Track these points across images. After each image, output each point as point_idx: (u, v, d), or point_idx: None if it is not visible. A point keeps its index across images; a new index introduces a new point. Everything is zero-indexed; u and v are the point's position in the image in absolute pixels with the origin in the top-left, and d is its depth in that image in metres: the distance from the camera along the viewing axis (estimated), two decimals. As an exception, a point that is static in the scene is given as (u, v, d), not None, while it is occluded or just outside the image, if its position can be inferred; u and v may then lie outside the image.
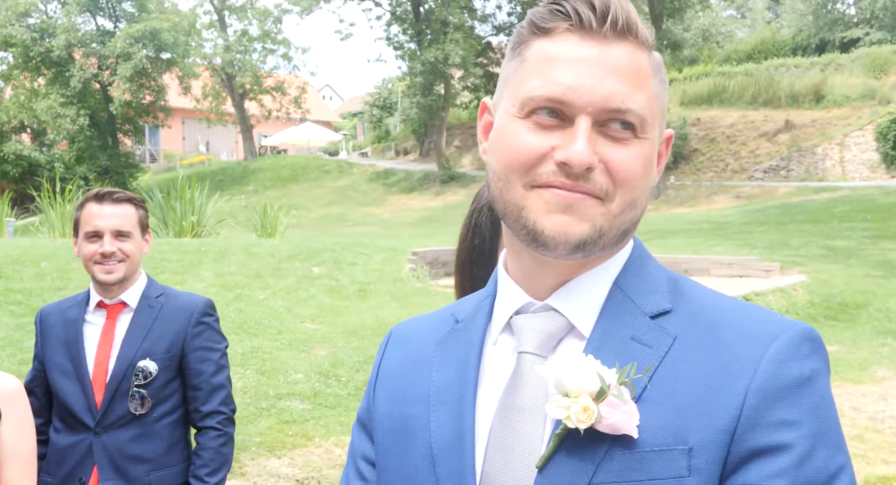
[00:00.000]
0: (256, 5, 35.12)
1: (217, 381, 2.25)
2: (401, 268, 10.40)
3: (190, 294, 2.36)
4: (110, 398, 2.14)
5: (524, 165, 0.79)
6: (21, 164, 31.48)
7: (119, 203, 2.18)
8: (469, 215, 1.34)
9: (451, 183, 28.69)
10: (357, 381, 6.35)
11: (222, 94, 35.47)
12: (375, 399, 0.91)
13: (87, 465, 2.13)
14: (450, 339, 0.89)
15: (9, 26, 30.38)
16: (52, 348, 2.21)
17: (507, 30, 31.93)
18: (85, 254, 2.18)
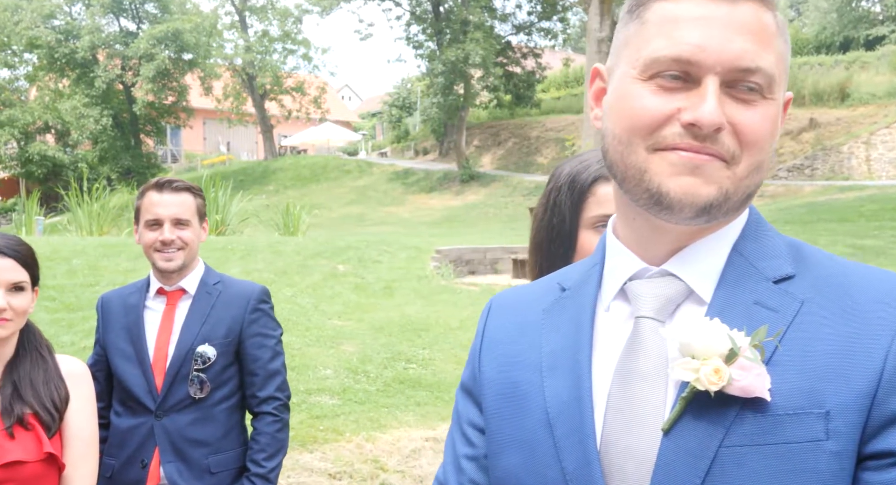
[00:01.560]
0: (277, 6, 35.31)
1: (273, 367, 2.27)
2: (425, 266, 10.42)
3: (246, 282, 2.38)
4: (170, 382, 2.18)
5: (648, 128, 0.78)
6: (46, 164, 31.93)
7: (178, 192, 2.22)
8: (546, 195, 1.33)
9: (470, 182, 28.68)
10: (385, 377, 6.37)
11: (243, 95, 35.71)
12: (482, 367, 0.91)
13: (149, 447, 2.16)
14: (558, 306, 0.89)
15: (34, 28, 30.80)
16: (113, 333, 2.25)
17: (526, 29, 31.86)
18: (145, 241, 2.22)
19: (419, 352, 6.99)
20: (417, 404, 5.88)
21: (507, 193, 26.81)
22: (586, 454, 0.78)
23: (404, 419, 5.58)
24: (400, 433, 5.35)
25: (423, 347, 7.14)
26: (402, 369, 6.59)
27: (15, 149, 32.44)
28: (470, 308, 8.51)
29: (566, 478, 0.78)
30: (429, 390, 6.17)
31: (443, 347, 7.18)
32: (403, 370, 6.55)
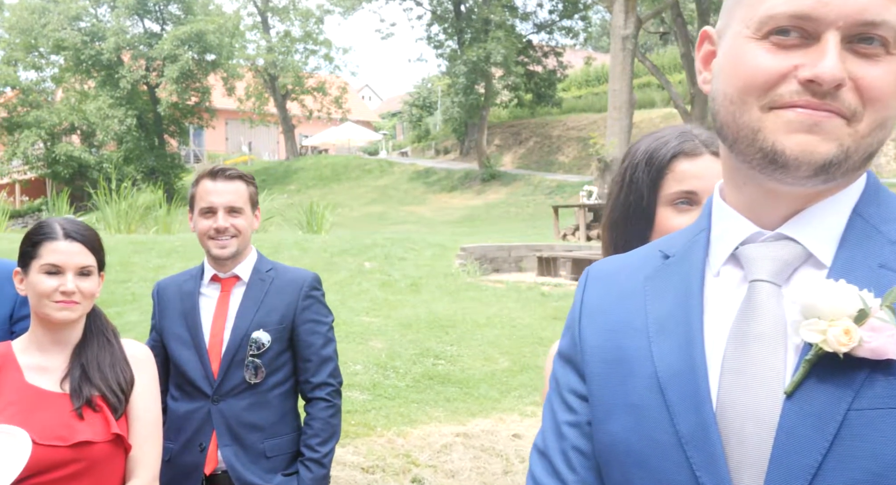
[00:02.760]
0: (299, 6, 35.48)
1: (326, 353, 2.30)
2: (450, 263, 10.44)
3: (298, 269, 2.41)
4: (226, 367, 2.21)
5: (763, 86, 0.77)
6: (72, 164, 32.29)
7: (231, 180, 2.25)
8: (622, 172, 1.32)
9: (492, 182, 28.65)
10: (414, 373, 6.40)
11: (265, 95, 35.93)
12: (582, 335, 0.91)
13: (207, 431, 2.20)
14: (662, 273, 0.89)
15: (61, 30, 31.18)
16: (169, 319, 2.29)
17: (548, 27, 31.76)
18: (200, 229, 2.25)
19: (447, 348, 7.01)
20: (447, 400, 5.90)
21: (529, 192, 26.74)
22: (702, 416, 0.77)
23: (434, 415, 5.60)
24: (430, 428, 5.37)
25: (451, 343, 7.16)
26: (430, 365, 6.61)
27: (42, 150, 32.84)
28: (496, 305, 8.52)
29: (680, 441, 0.78)
30: (457, 386, 6.19)
31: (470, 343, 7.20)
32: (432, 366, 6.57)
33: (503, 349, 7.07)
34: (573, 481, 0.88)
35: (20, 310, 2.20)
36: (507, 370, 6.58)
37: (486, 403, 5.84)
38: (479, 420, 5.51)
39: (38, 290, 1.77)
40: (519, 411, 5.69)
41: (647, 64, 22.43)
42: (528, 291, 9.30)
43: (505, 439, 5.23)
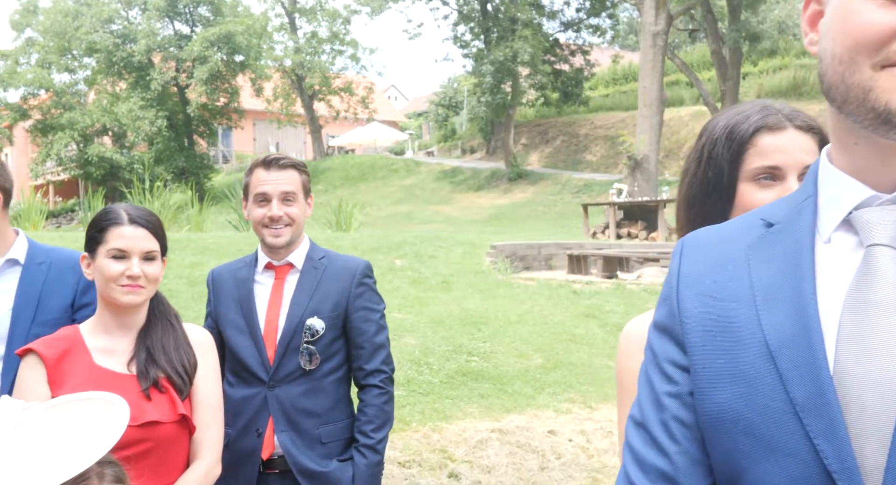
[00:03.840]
0: (326, 7, 35.68)
1: (379, 340, 2.31)
2: (480, 261, 10.44)
3: (350, 256, 2.43)
4: (282, 354, 2.23)
5: (874, 44, 0.74)
6: (104, 165, 32.78)
7: (284, 168, 2.27)
8: (699, 149, 1.30)
9: (518, 181, 28.58)
10: (447, 369, 6.41)
11: (292, 96, 36.16)
12: (682, 305, 0.90)
13: (263, 416, 2.22)
14: (766, 241, 0.88)
15: (93, 33, 31.68)
16: (225, 306, 2.32)
17: (575, 26, 31.62)
18: (254, 217, 2.28)
19: (480, 345, 7.01)
20: (481, 396, 5.90)
21: (557, 191, 26.64)
22: (819, 384, 0.75)
23: (469, 411, 5.60)
24: (465, 424, 5.37)
25: (484, 340, 7.16)
26: (463, 361, 6.61)
27: (75, 151, 33.36)
28: (528, 302, 8.50)
29: (795, 408, 0.76)
30: (491, 383, 6.19)
31: (503, 340, 7.19)
32: (465, 363, 6.57)
33: (536, 346, 7.06)
34: (675, 451, 0.87)
35: (81, 298, 2.24)
36: (540, 367, 6.57)
37: (521, 399, 5.83)
38: (513, 416, 5.51)
39: (104, 274, 1.81)
40: (554, 408, 5.67)
41: (677, 61, 22.24)
42: (560, 288, 9.27)
43: (540, 435, 5.22)
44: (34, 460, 0.81)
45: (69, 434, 0.85)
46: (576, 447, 5.09)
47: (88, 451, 0.83)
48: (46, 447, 0.83)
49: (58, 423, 0.87)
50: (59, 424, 0.87)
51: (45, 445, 0.83)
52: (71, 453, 0.82)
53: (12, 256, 2.26)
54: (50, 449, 0.83)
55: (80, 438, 0.84)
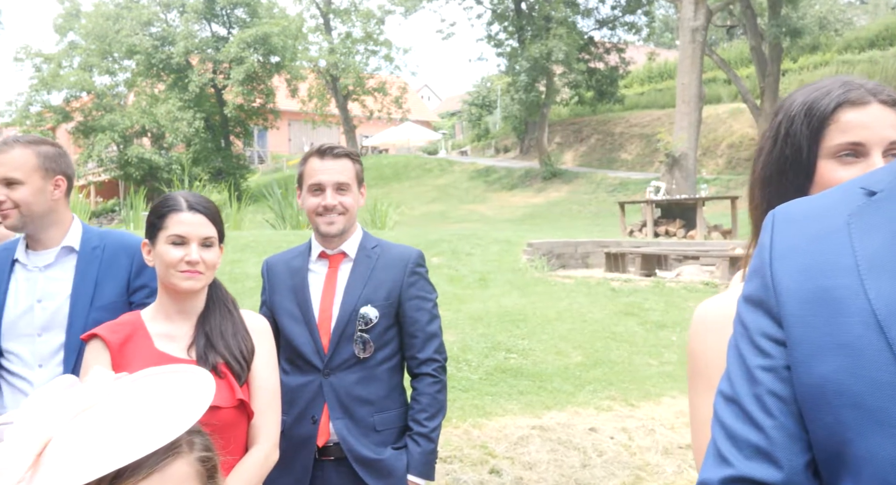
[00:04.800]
0: (360, 7, 35.88)
1: (431, 329, 2.31)
2: (517, 259, 10.40)
3: (403, 246, 2.43)
4: (336, 342, 2.24)
5: None
6: (143, 166, 33.38)
7: (338, 158, 2.28)
8: (774, 127, 1.26)
9: (553, 180, 28.45)
10: (486, 366, 6.39)
11: (327, 96, 36.44)
12: (776, 277, 0.88)
13: (318, 404, 2.23)
14: (870, 209, 0.86)
15: (133, 36, 32.29)
16: (280, 295, 2.33)
17: (610, 23, 31.36)
18: (308, 206, 2.29)
19: (518, 342, 6.99)
20: (520, 393, 5.88)
21: (591, 189, 26.45)
22: None
23: (509, 407, 5.58)
24: (506, 421, 5.35)
25: (522, 337, 7.13)
26: (502, 358, 6.59)
27: (115, 152, 34.03)
28: (566, 300, 8.44)
29: None
30: (531, 380, 6.16)
31: (541, 337, 7.16)
32: (504, 360, 6.56)
33: (575, 344, 7.01)
34: (771, 425, 0.85)
35: (135, 280, 2.28)
36: (580, 364, 6.52)
37: (561, 396, 5.80)
38: (554, 413, 5.48)
39: (164, 260, 1.84)
40: (595, 406, 5.63)
41: (715, 58, 21.91)
42: (598, 286, 9.20)
43: (581, 432, 5.18)
44: (127, 427, 0.83)
45: (159, 404, 0.86)
46: (617, 445, 5.04)
47: (179, 420, 0.84)
48: (138, 416, 0.84)
49: (148, 393, 0.88)
50: (150, 394, 0.88)
51: (136, 413, 0.85)
52: (162, 422, 0.83)
53: (68, 243, 2.31)
54: (142, 417, 0.84)
55: (171, 407, 0.85)
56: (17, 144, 2.24)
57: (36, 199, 2.24)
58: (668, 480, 4.60)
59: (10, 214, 2.22)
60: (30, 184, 2.23)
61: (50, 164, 2.29)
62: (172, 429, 0.83)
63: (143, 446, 0.80)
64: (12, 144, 2.24)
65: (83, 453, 0.80)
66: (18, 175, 2.21)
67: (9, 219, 2.23)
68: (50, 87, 34.05)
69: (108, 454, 0.79)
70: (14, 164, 2.21)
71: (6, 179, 2.21)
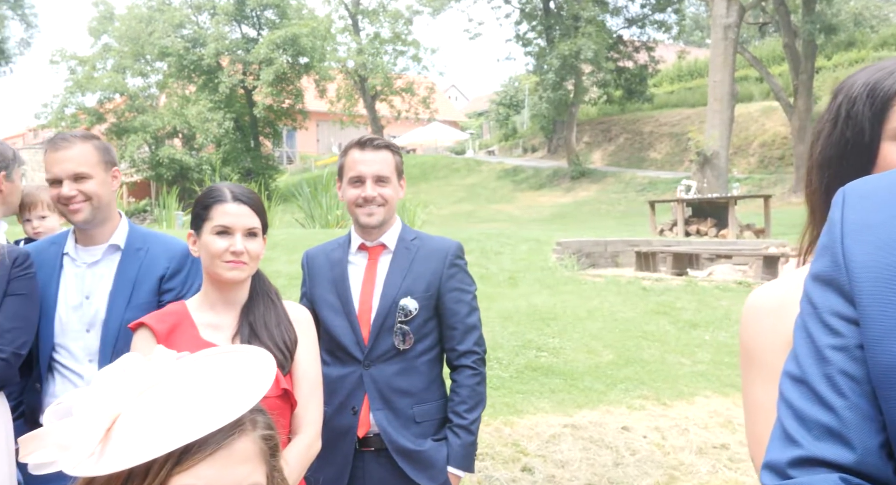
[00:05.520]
0: (388, 8, 36.01)
1: (471, 321, 2.30)
2: (546, 258, 10.36)
3: (442, 238, 2.43)
4: (376, 333, 2.25)
5: None
6: (174, 167, 33.81)
7: (379, 149, 2.29)
8: (834, 109, 1.23)
9: (581, 179, 28.30)
10: (517, 364, 6.37)
11: (355, 96, 36.62)
12: (848, 253, 0.86)
13: (359, 395, 2.24)
14: None
15: (165, 38, 32.74)
16: (320, 287, 2.34)
17: (639, 22, 31.10)
18: (348, 198, 2.30)
19: (549, 340, 6.95)
20: (552, 392, 5.85)
21: (620, 189, 26.26)
22: None
23: (540, 406, 5.56)
24: (537, 419, 5.33)
25: (553, 336, 7.10)
26: (533, 356, 6.57)
27: (147, 153, 34.52)
28: (596, 299, 8.39)
29: None
30: (562, 378, 6.13)
31: (572, 336, 7.12)
32: (535, 358, 6.53)
33: (606, 342, 6.96)
34: (842, 406, 0.83)
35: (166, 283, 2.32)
36: (611, 363, 6.47)
37: (592, 395, 5.76)
38: (585, 412, 5.44)
39: (209, 250, 1.86)
40: (627, 405, 5.58)
41: (747, 55, 21.62)
42: (629, 285, 9.12)
43: (614, 431, 5.14)
44: (193, 404, 0.84)
45: (223, 382, 0.87)
46: (651, 444, 5.00)
47: (243, 397, 0.85)
48: (203, 393, 0.86)
49: (211, 372, 0.89)
50: (212, 372, 0.89)
51: (201, 391, 0.86)
52: (227, 400, 0.84)
53: (115, 241, 2.35)
54: (207, 395, 0.85)
55: (234, 385, 0.87)
56: (76, 139, 2.28)
57: (103, 191, 2.30)
58: (702, 479, 4.55)
59: (82, 207, 2.26)
60: (96, 177, 2.28)
61: (107, 156, 2.34)
62: (237, 406, 0.84)
63: (209, 422, 0.81)
64: (71, 139, 2.27)
65: (152, 429, 0.82)
66: (86, 169, 2.26)
67: (80, 213, 2.27)
68: (84, 89, 34.66)
69: (176, 430, 0.81)
70: (80, 159, 2.25)
71: (76, 174, 2.25)
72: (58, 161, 2.25)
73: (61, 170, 2.24)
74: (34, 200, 3.08)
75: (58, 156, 2.24)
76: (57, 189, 2.26)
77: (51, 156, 2.26)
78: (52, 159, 2.26)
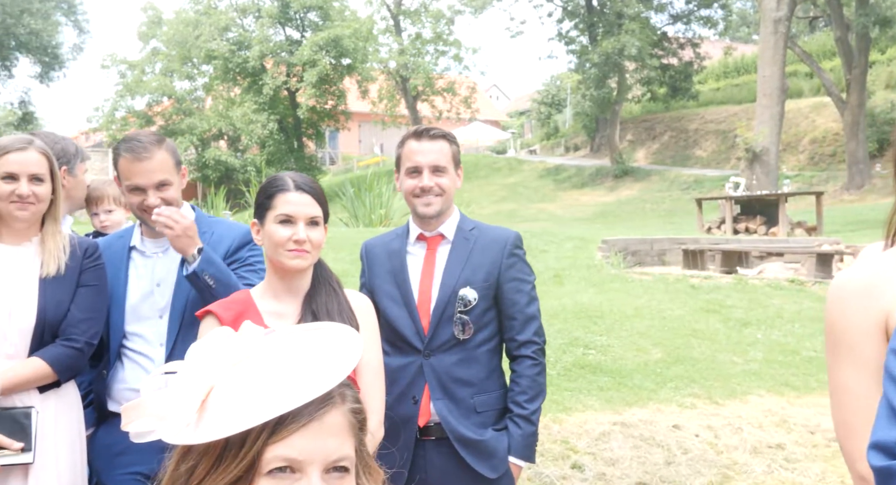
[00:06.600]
0: (430, 8, 36.10)
1: (530, 311, 2.29)
2: (592, 256, 10.27)
3: (500, 227, 2.42)
4: (436, 323, 2.25)
5: None
6: (220, 168, 34.41)
7: (435, 139, 2.28)
8: None
9: (624, 178, 28.00)
10: (565, 362, 6.33)
11: (396, 97, 36.80)
12: None
13: (419, 384, 2.25)
14: None
15: (211, 41, 33.34)
16: (379, 278, 2.35)
17: (684, 18, 30.63)
18: (406, 188, 2.31)
19: (596, 338, 6.89)
20: (600, 389, 5.79)
21: (665, 187, 25.90)
22: None
23: (589, 403, 5.51)
24: (586, 417, 5.28)
25: (600, 333, 7.03)
26: (580, 354, 6.51)
27: (193, 155, 35.19)
28: (644, 297, 8.28)
29: None
30: (610, 376, 6.07)
31: (620, 334, 7.04)
32: (582, 356, 6.48)
33: (655, 340, 6.87)
34: None
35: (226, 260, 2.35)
36: (660, 361, 6.38)
37: (642, 393, 5.69)
38: (635, 410, 5.38)
39: (273, 239, 1.89)
40: (677, 403, 5.50)
41: (797, 50, 21.11)
42: (677, 283, 8.99)
43: (664, 429, 5.07)
44: (285, 377, 0.85)
45: (313, 356, 0.89)
46: (703, 443, 4.91)
47: (334, 371, 0.86)
48: (294, 367, 0.87)
49: (301, 346, 0.91)
50: (301, 347, 0.91)
51: (292, 364, 0.87)
52: (318, 373, 0.85)
53: None
54: (297, 368, 0.87)
55: (324, 359, 0.88)
56: (153, 147, 2.27)
57: (179, 194, 2.35)
58: (757, 479, 4.46)
59: None
60: (174, 182, 2.33)
61: (177, 157, 2.38)
62: (329, 379, 0.85)
63: (302, 394, 0.83)
64: (149, 148, 2.27)
65: (247, 400, 0.84)
66: (167, 177, 2.30)
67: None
68: (133, 92, 35.52)
69: (271, 401, 0.83)
70: (161, 167, 2.28)
71: (159, 182, 2.28)
72: (141, 172, 2.25)
73: (146, 180, 2.26)
74: (101, 195, 3.16)
75: (142, 166, 2.25)
76: (140, 197, 2.28)
77: (133, 166, 2.26)
78: (134, 169, 2.26)
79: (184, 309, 2.28)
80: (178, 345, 2.25)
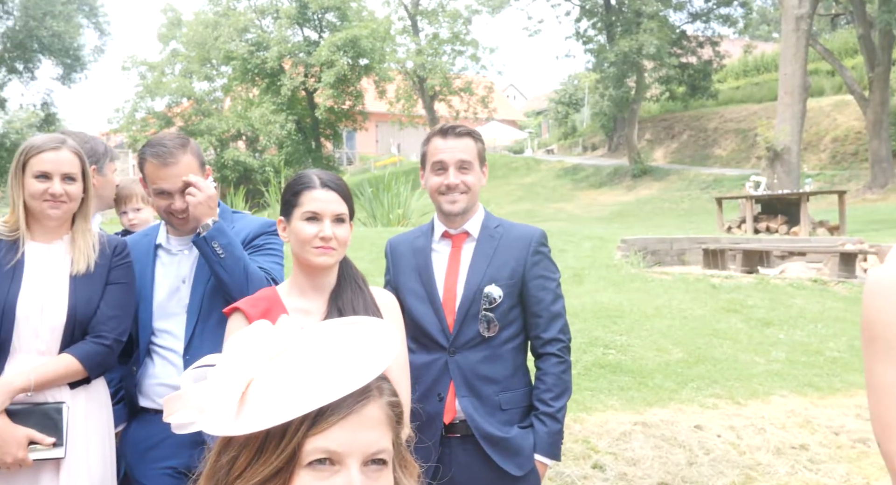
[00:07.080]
0: (447, 8, 36.10)
1: (555, 309, 2.29)
2: (611, 255, 10.23)
3: (525, 225, 2.42)
4: (461, 321, 2.25)
5: None
6: (238, 168, 34.63)
7: (461, 137, 2.29)
8: None
9: (643, 177, 27.85)
10: (585, 361, 6.30)
11: (414, 97, 36.84)
12: None
13: (444, 381, 2.25)
14: None
15: (230, 42, 33.56)
16: (404, 275, 2.35)
17: (703, 16, 30.41)
18: (431, 185, 2.31)
19: (616, 338, 6.86)
20: (621, 389, 5.77)
21: (683, 187, 25.73)
22: None
23: (609, 403, 5.49)
24: (607, 416, 5.26)
25: (620, 333, 7.00)
26: (600, 354, 6.49)
27: (212, 155, 35.43)
28: (664, 296, 8.24)
29: None
30: (631, 376, 6.04)
31: (640, 333, 7.00)
32: (602, 355, 6.45)
33: (675, 340, 6.83)
34: None
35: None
36: (681, 361, 6.34)
37: (663, 393, 5.65)
38: (656, 410, 5.35)
39: (299, 236, 1.90)
40: (699, 403, 5.47)
41: (819, 48, 20.89)
42: (697, 282, 8.93)
43: (686, 429, 5.03)
44: (324, 370, 0.86)
45: (351, 349, 0.89)
46: (725, 443, 4.88)
47: (372, 364, 0.86)
48: (333, 360, 0.88)
49: (338, 339, 0.91)
50: (339, 340, 0.91)
51: (330, 357, 0.88)
52: (356, 366, 0.86)
53: None
54: (336, 361, 0.87)
55: (362, 353, 0.88)
56: (178, 151, 2.29)
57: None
58: (780, 480, 4.42)
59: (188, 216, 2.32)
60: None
61: (201, 159, 2.41)
62: (367, 372, 0.86)
63: (342, 387, 0.83)
64: (174, 152, 2.28)
65: (287, 392, 0.84)
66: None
67: (189, 222, 2.32)
68: (153, 93, 35.84)
69: (310, 394, 0.83)
70: (188, 171, 2.30)
71: (185, 185, 2.30)
72: (167, 177, 2.28)
73: (172, 185, 2.28)
74: (129, 193, 3.19)
75: (167, 172, 2.27)
76: (166, 201, 2.31)
77: (159, 171, 2.28)
78: (160, 174, 2.28)
79: (200, 303, 2.30)
80: (195, 339, 2.28)
